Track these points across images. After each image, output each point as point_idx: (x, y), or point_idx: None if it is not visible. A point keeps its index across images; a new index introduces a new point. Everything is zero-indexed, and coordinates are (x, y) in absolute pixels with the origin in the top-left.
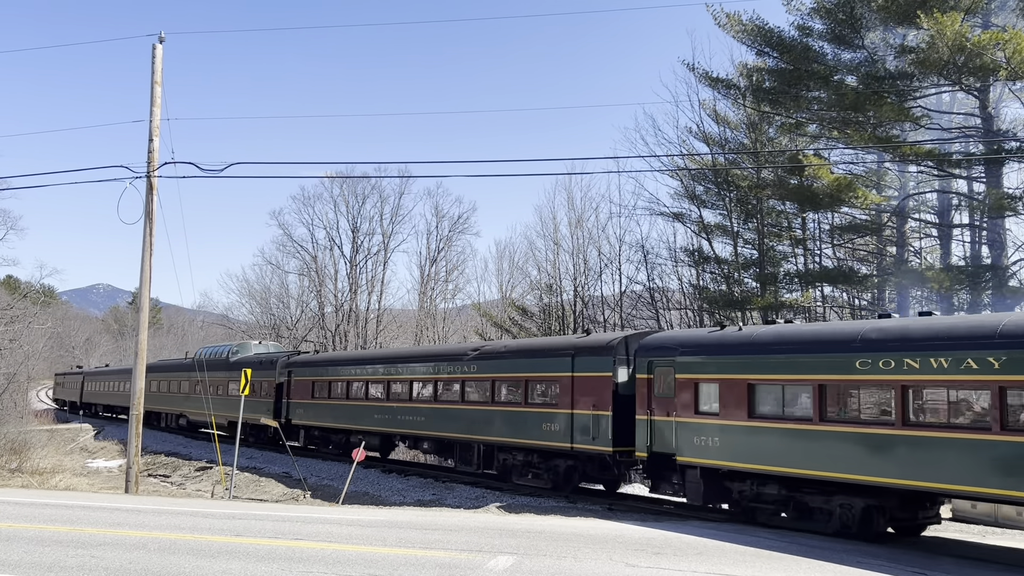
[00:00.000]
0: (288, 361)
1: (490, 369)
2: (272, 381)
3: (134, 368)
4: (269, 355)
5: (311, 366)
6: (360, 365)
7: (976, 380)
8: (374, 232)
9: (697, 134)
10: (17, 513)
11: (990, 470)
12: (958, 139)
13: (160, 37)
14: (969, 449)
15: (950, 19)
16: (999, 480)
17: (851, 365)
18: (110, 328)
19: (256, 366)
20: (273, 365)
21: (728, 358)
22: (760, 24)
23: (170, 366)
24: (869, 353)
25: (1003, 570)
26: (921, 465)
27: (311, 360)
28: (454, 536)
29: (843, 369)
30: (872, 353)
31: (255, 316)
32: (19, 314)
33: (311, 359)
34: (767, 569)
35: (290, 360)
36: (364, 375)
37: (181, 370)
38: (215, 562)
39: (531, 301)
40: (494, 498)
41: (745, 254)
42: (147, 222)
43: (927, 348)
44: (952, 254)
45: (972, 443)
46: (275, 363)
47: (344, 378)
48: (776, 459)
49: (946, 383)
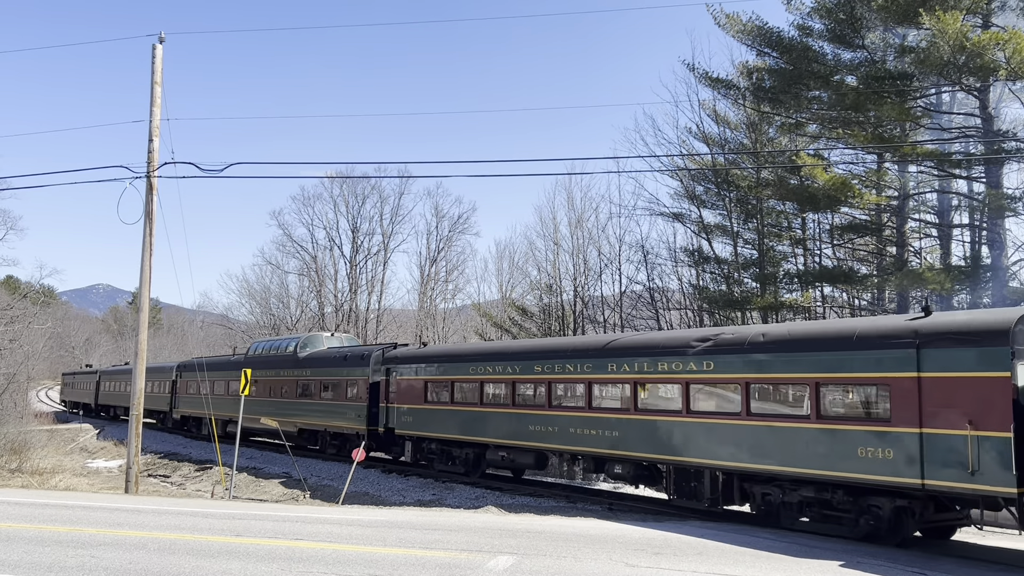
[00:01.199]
0: (388, 355)
1: (739, 367)
2: (364, 380)
3: (134, 368)
4: (358, 349)
5: (424, 362)
6: (502, 361)
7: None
8: (374, 232)
9: (697, 134)
10: (17, 513)
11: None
12: (958, 139)
13: (160, 37)
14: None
15: (951, 18)
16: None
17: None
18: (110, 328)
19: (338, 363)
20: (365, 361)
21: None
22: (760, 24)
23: (213, 364)
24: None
25: (1003, 570)
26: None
27: (423, 355)
28: (454, 536)
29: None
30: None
31: (255, 316)
32: (19, 314)
33: (423, 353)
34: (767, 569)
35: (390, 354)
36: (510, 374)
37: (228, 368)
38: (215, 562)
39: (531, 301)
40: (494, 498)
41: (745, 254)
42: (147, 222)
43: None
44: (952, 254)
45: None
46: (368, 358)
47: (477, 377)
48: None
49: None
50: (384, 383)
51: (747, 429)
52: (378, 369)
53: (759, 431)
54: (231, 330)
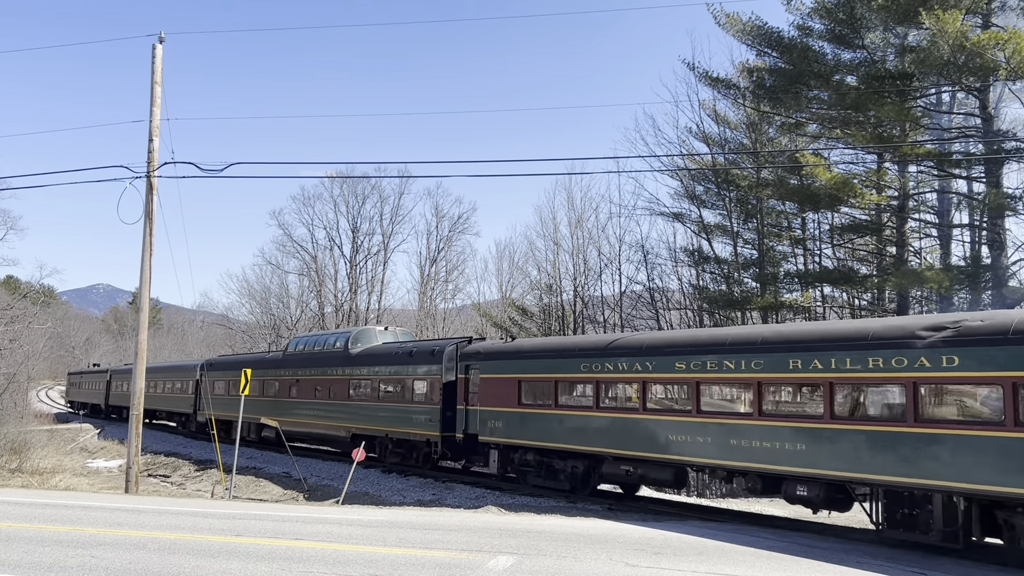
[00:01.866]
0: (466, 351)
1: (1000, 362)
2: (436, 379)
3: (134, 368)
4: (425, 344)
5: (517, 357)
6: (628, 357)
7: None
8: (374, 232)
9: (697, 134)
10: (17, 513)
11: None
12: (958, 139)
13: (160, 37)
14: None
15: (951, 17)
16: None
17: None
18: (110, 328)
19: (401, 359)
20: (436, 357)
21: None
22: (760, 24)
23: (245, 362)
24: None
25: (1003, 570)
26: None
27: (516, 349)
28: (454, 536)
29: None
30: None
31: (255, 316)
32: (19, 314)
33: (516, 348)
34: (767, 569)
35: (468, 350)
36: (638, 372)
37: (264, 367)
38: (215, 562)
39: (531, 301)
40: (494, 498)
41: (745, 254)
42: (147, 222)
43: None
44: (952, 254)
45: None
46: (440, 354)
47: (592, 376)
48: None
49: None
50: (461, 383)
51: (1012, 443)
52: (451, 367)
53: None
54: (231, 330)
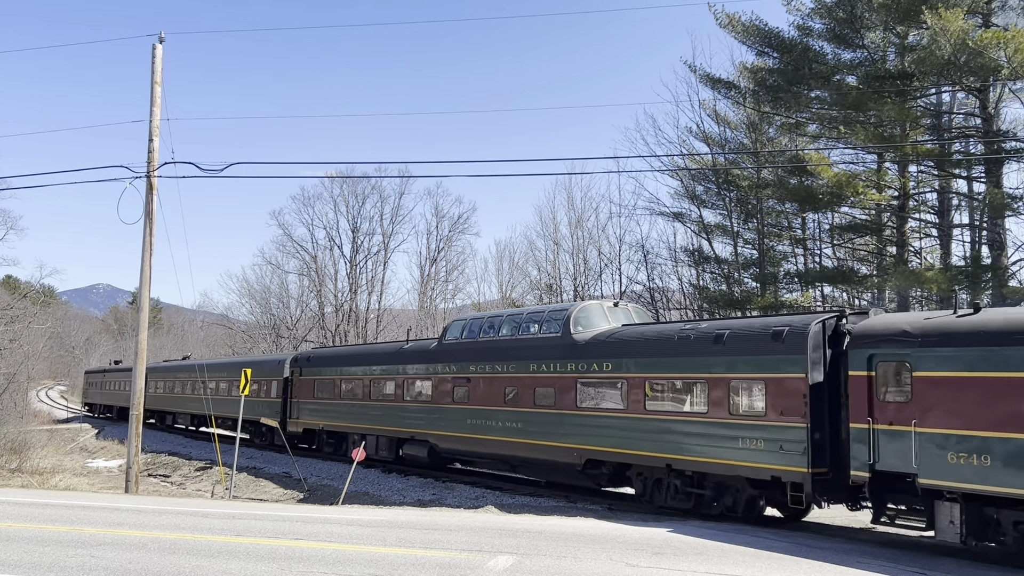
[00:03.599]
0: (862, 330)
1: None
2: (793, 380)
3: (134, 368)
4: (740, 324)
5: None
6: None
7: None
8: (374, 232)
9: (697, 134)
10: (17, 513)
11: None
12: (958, 139)
13: (160, 37)
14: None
15: (954, 15)
16: None
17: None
18: (110, 328)
19: (696, 349)
20: (789, 343)
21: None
22: (760, 24)
23: (362, 356)
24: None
25: (1003, 570)
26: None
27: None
28: (454, 536)
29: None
30: None
31: (255, 316)
32: (19, 314)
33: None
34: (767, 569)
35: (867, 328)
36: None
37: (404, 361)
38: (215, 562)
39: (531, 301)
40: (494, 498)
41: (745, 254)
42: (147, 222)
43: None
44: (952, 254)
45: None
46: (801, 336)
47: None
48: None
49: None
50: (866, 383)
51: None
52: (818, 357)
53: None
54: (231, 330)
